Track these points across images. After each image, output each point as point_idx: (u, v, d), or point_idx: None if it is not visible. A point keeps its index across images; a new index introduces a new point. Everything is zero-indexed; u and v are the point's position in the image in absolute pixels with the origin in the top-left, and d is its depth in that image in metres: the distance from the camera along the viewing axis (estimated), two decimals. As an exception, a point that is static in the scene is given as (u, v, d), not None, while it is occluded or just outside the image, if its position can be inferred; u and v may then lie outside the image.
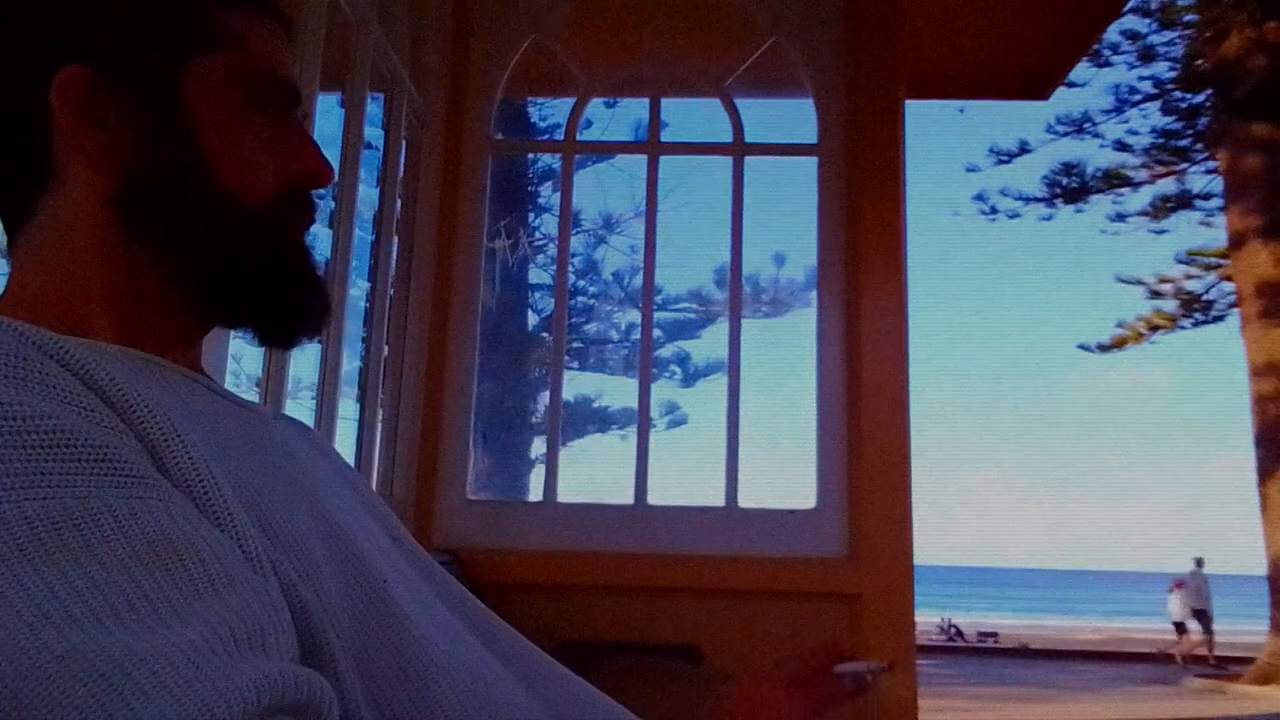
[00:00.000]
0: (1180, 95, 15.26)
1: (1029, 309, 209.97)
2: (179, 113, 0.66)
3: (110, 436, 0.50)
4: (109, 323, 0.65)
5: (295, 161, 0.70)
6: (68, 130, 0.64)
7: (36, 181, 0.66)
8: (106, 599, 0.43)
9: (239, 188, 0.67)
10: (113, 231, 0.65)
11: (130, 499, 0.47)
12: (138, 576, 0.44)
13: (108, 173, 0.65)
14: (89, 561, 0.44)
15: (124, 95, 0.65)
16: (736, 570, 2.32)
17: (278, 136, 0.70)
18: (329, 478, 0.74)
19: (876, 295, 2.39)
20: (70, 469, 0.47)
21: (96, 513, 0.46)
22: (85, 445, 0.48)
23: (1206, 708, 10.71)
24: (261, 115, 0.69)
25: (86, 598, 0.42)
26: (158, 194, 0.66)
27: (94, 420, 0.50)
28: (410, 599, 0.66)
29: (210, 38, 0.67)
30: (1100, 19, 3.01)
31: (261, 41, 0.70)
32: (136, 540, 0.46)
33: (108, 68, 0.65)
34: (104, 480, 0.47)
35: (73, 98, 0.64)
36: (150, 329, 0.67)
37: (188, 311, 0.69)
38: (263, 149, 0.69)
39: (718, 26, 2.73)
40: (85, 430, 0.49)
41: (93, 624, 0.42)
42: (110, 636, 0.41)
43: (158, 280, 0.66)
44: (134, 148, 0.65)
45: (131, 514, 0.47)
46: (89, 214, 0.65)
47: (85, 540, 0.44)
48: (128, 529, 0.46)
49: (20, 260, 0.66)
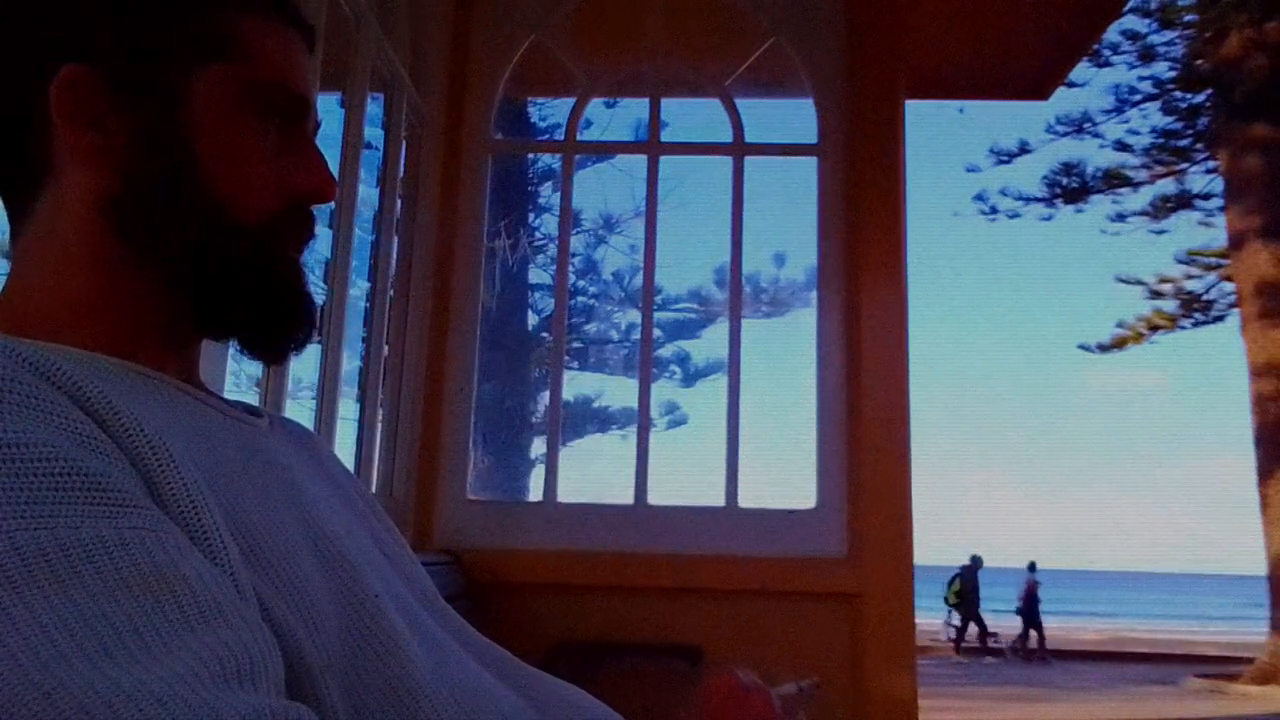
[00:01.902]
0: (1180, 95, 15.26)
1: (1029, 309, 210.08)
2: (179, 119, 0.65)
3: (104, 463, 0.50)
4: (99, 329, 0.64)
5: (298, 177, 0.69)
6: (64, 130, 0.63)
7: (33, 180, 0.66)
8: (95, 633, 0.43)
9: (234, 198, 0.66)
10: (104, 234, 0.65)
11: (122, 529, 0.47)
12: (127, 608, 0.44)
13: (101, 174, 0.64)
14: (79, 593, 0.44)
15: (123, 98, 0.64)
16: (736, 570, 2.32)
17: (282, 150, 0.69)
18: (323, 488, 0.73)
19: (876, 295, 2.39)
20: (63, 498, 0.46)
21: (88, 542, 0.45)
22: (79, 473, 0.48)
23: (1206, 708, 10.71)
24: (268, 127, 0.68)
25: (75, 632, 0.42)
26: (149, 199, 0.65)
27: (88, 446, 0.50)
28: (400, 614, 0.65)
29: (220, 45, 0.66)
30: (1100, 19, 3.01)
31: (275, 51, 0.68)
32: (127, 571, 0.45)
33: (108, 69, 0.64)
34: (96, 509, 0.47)
35: (70, 97, 0.63)
36: (141, 336, 0.66)
37: (179, 319, 0.68)
38: (265, 162, 0.68)
39: (718, 26, 2.73)
40: (79, 457, 0.49)
41: (81, 660, 0.41)
42: (98, 672, 0.41)
43: (147, 286, 0.66)
44: (128, 151, 0.64)
45: (123, 544, 0.46)
46: (81, 216, 0.65)
47: (75, 571, 0.44)
48: (118, 560, 0.46)
49: (16, 261, 0.66)
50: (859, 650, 2.23)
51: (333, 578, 0.62)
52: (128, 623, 0.44)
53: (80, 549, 0.45)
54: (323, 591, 0.60)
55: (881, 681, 2.20)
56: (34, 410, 0.49)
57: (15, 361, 0.51)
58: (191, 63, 0.66)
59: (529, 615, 2.25)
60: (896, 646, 2.23)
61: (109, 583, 0.45)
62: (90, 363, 0.59)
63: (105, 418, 0.52)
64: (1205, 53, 13.86)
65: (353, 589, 0.62)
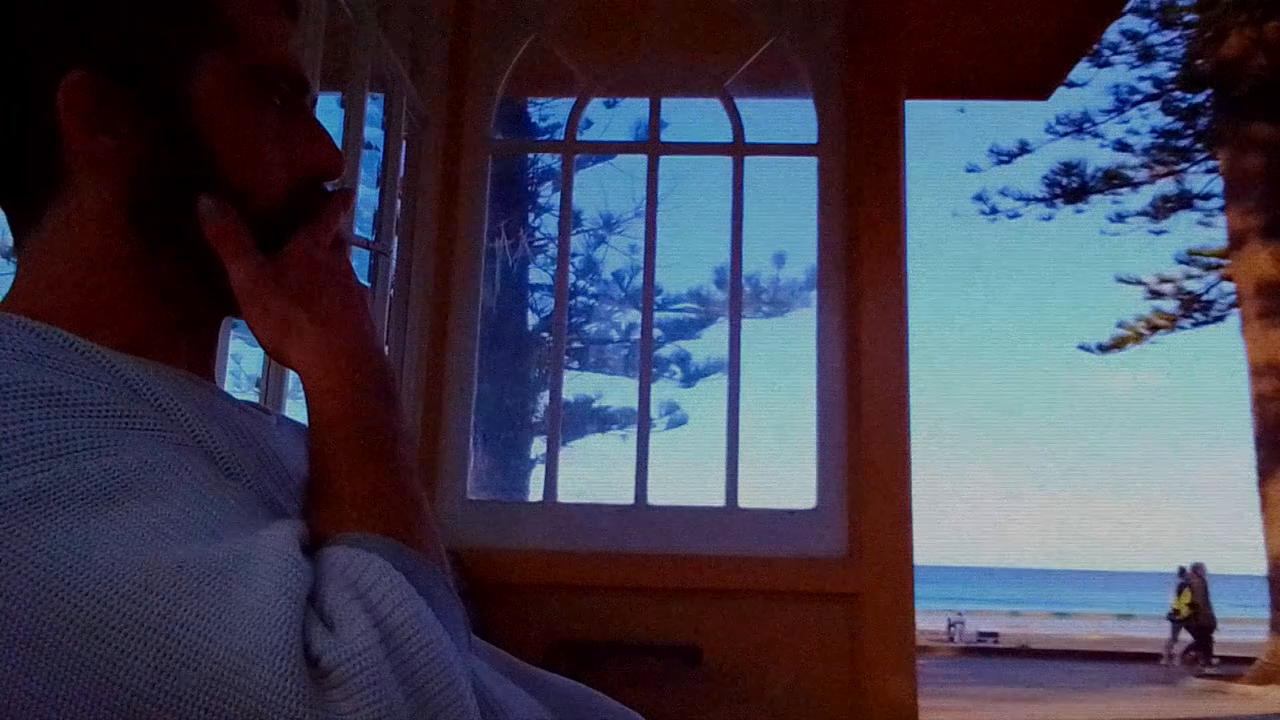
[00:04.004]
0: (1180, 95, 15.24)
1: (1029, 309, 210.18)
2: (187, 114, 0.65)
3: (142, 408, 0.57)
4: (121, 328, 0.64)
5: (306, 152, 0.69)
6: (75, 135, 0.63)
7: (46, 186, 0.65)
8: (195, 520, 0.51)
9: (251, 186, 0.66)
10: (125, 236, 0.65)
11: (179, 453, 0.55)
12: (211, 504, 0.53)
13: (117, 177, 0.64)
14: (169, 495, 0.52)
15: (131, 99, 0.64)
16: (736, 570, 2.32)
17: (287, 129, 0.69)
18: None
19: (876, 295, 2.39)
20: (124, 434, 0.54)
21: (162, 460, 0.54)
22: (124, 415, 0.55)
23: (1206, 708, 10.71)
24: (270, 108, 0.68)
25: (179, 521, 0.50)
26: (169, 197, 0.65)
27: (118, 394, 0.57)
28: None
29: (214, 34, 0.66)
30: (1100, 19, 3.01)
31: (265, 32, 0.68)
32: (200, 478, 0.54)
33: (115, 71, 0.64)
34: (153, 441, 0.55)
35: (79, 102, 0.63)
36: (160, 336, 0.66)
37: (199, 311, 0.69)
38: (273, 144, 0.67)
39: (718, 26, 2.73)
40: (119, 402, 0.56)
41: (195, 537, 0.50)
42: (215, 545, 0.50)
43: (168, 284, 0.66)
44: (143, 151, 0.64)
45: (185, 463, 0.55)
46: (100, 219, 0.64)
47: (162, 480, 0.53)
48: (190, 470, 0.54)
49: (29, 265, 0.66)
50: (859, 650, 2.23)
51: None
52: (214, 514, 0.52)
53: (157, 465, 0.53)
54: None
55: (881, 681, 2.20)
56: (69, 372, 0.56)
57: (34, 335, 0.57)
58: (191, 55, 0.66)
59: (529, 615, 2.25)
60: (896, 646, 2.23)
61: (189, 487, 0.53)
62: (106, 349, 0.61)
63: (133, 383, 0.59)
64: (1205, 53, 13.85)
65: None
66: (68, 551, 0.48)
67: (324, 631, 0.48)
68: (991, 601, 37.16)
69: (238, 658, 0.46)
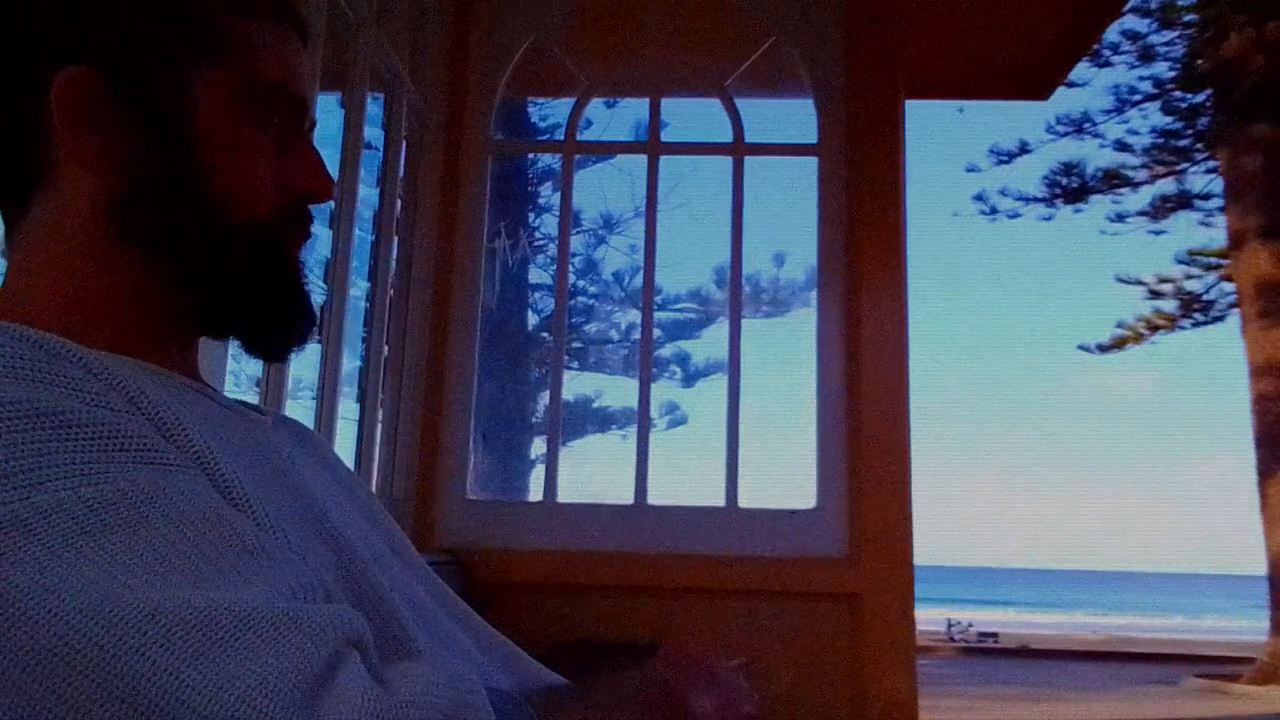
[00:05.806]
0: (1180, 95, 15.24)
1: (1029, 309, 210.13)
2: (180, 121, 0.65)
3: (139, 426, 0.54)
4: (104, 328, 0.64)
5: (297, 177, 0.70)
6: (65, 132, 0.63)
7: (33, 181, 0.65)
8: (173, 563, 0.47)
9: (235, 198, 0.66)
10: (107, 236, 0.65)
11: (168, 477, 0.52)
12: (196, 542, 0.49)
13: (103, 176, 0.65)
14: (147, 531, 0.48)
15: (125, 100, 0.64)
16: (736, 570, 2.32)
17: (281, 151, 0.69)
18: (328, 485, 0.74)
19: (876, 295, 2.39)
20: (111, 457, 0.50)
21: (145, 490, 0.50)
22: (117, 435, 0.52)
23: (1206, 708, 10.71)
24: (266, 128, 0.68)
25: (154, 563, 0.47)
26: (152, 200, 0.65)
27: (119, 412, 0.53)
28: (410, 610, 0.66)
29: (218, 47, 0.66)
30: (1100, 19, 3.01)
31: (272, 52, 0.69)
32: (188, 510, 0.50)
33: (110, 71, 0.64)
34: (139, 463, 0.51)
35: (71, 99, 0.63)
36: (145, 335, 0.66)
37: (180, 317, 0.69)
38: (264, 164, 0.68)
39: (718, 26, 2.73)
40: (112, 420, 0.52)
41: (178, 582, 0.46)
42: (195, 591, 0.46)
43: (151, 286, 0.66)
44: (131, 153, 0.65)
45: (176, 489, 0.51)
46: (84, 217, 0.65)
47: (141, 515, 0.49)
48: (176, 501, 0.50)
49: (15, 261, 0.66)
50: (859, 650, 2.23)
51: (342, 570, 0.63)
52: (201, 553, 0.49)
53: (140, 496, 0.49)
54: (334, 583, 0.60)
55: (881, 681, 2.21)
56: (63, 387, 0.53)
57: (31, 346, 0.54)
58: (190, 64, 0.66)
59: (529, 615, 2.25)
60: (896, 646, 2.23)
61: (174, 521, 0.49)
62: (104, 355, 0.60)
63: (133, 395, 0.56)
64: (1205, 53, 13.86)
65: (362, 582, 0.63)
66: (39, 587, 0.44)
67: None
68: (991, 602, 37.17)
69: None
